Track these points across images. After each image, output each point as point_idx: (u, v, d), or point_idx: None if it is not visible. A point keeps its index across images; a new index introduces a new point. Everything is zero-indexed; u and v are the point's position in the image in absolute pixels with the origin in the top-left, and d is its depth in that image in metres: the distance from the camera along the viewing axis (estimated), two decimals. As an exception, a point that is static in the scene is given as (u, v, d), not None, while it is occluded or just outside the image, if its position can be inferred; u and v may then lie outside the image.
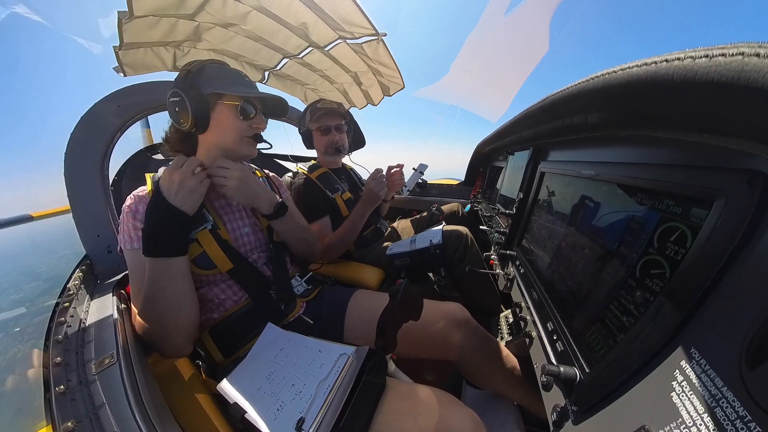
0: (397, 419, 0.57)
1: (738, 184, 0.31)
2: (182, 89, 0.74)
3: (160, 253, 0.67)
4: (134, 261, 0.73)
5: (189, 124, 0.75)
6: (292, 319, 0.86)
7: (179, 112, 0.76)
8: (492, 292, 1.33)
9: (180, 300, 0.69)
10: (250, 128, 0.82)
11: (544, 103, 0.64)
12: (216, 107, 0.78)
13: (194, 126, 0.76)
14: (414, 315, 0.69)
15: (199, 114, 0.75)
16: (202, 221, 0.78)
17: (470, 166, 2.31)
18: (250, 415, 0.56)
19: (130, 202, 0.75)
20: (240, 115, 0.79)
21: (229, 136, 0.81)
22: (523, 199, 1.07)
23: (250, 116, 0.82)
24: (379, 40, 1.32)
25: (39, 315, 9.41)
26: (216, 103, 0.78)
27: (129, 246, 0.73)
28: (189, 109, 0.73)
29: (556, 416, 0.47)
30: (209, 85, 0.77)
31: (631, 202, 0.49)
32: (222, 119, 0.79)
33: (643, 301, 0.39)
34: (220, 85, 0.77)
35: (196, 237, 0.76)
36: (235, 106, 0.78)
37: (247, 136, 0.82)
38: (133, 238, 0.72)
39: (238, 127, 0.80)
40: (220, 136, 0.81)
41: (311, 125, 1.45)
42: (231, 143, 0.81)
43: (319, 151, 1.52)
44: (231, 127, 0.80)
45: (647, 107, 0.36)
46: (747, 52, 0.22)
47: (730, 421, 0.25)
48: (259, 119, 0.84)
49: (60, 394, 0.51)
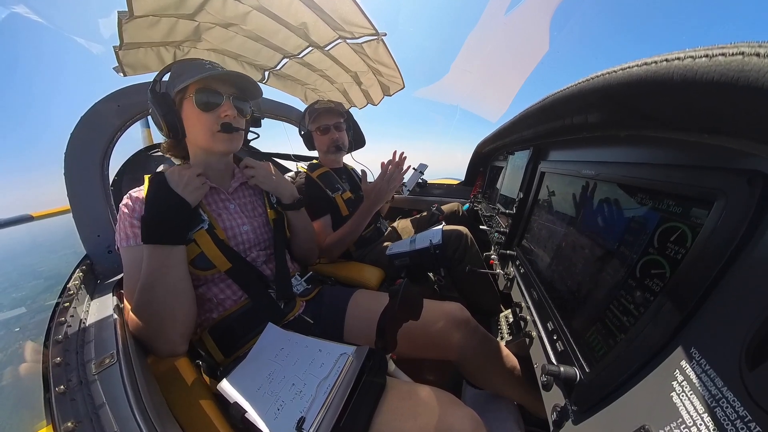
0: (397, 419, 0.57)
1: (738, 184, 0.31)
2: (151, 97, 0.74)
3: (162, 240, 0.67)
4: (131, 258, 0.72)
5: (166, 131, 0.76)
6: (292, 319, 0.86)
7: (155, 121, 0.76)
8: (492, 292, 1.33)
9: (177, 291, 0.69)
10: (218, 119, 0.75)
11: (544, 103, 0.64)
12: (183, 105, 0.75)
13: (171, 133, 0.76)
14: (414, 315, 0.69)
15: (169, 117, 0.74)
16: (198, 221, 0.78)
17: (470, 165, 2.31)
18: (251, 415, 0.56)
19: (127, 202, 0.75)
20: (198, 107, 0.73)
21: (200, 134, 0.76)
22: (523, 199, 1.07)
23: (213, 108, 0.74)
24: (379, 40, 1.32)
25: (40, 312, 9.41)
26: (182, 101, 0.75)
27: (126, 243, 0.72)
28: (158, 115, 0.74)
29: (556, 416, 0.47)
30: (173, 85, 0.75)
31: (631, 202, 0.49)
32: (189, 116, 0.75)
33: (643, 301, 0.39)
34: (181, 80, 0.73)
35: (193, 237, 0.76)
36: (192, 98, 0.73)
37: (217, 130, 0.75)
38: (129, 236, 0.72)
39: (204, 121, 0.74)
40: (194, 135, 0.78)
41: (311, 126, 1.46)
42: (204, 141, 0.77)
43: (320, 151, 1.52)
44: (197, 122, 0.75)
45: (647, 107, 0.36)
46: (747, 51, 0.22)
47: (730, 421, 0.25)
48: (227, 106, 0.75)
49: (60, 394, 0.51)
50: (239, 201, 0.91)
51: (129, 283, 0.73)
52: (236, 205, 0.89)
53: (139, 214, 0.73)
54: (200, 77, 0.71)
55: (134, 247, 0.71)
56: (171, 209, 0.69)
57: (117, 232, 0.74)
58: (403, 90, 1.83)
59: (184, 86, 0.72)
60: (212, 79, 0.75)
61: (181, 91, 0.74)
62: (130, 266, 0.73)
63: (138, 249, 0.70)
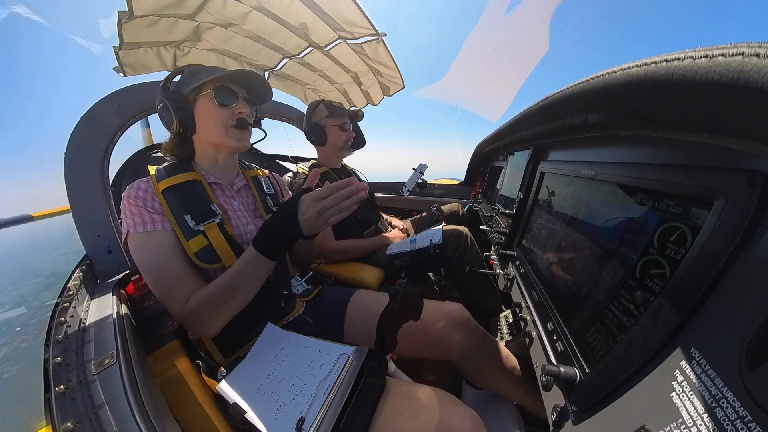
0: (397, 419, 0.57)
1: (738, 184, 0.31)
2: (163, 94, 0.76)
3: (270, 253, 0.69)
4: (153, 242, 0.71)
5: (176, 127, 0.76)
6: (292, 319, 0.86)
7: (166, 117, 0.78)
8: (492, 292, 1.33)
9: (250, 296, 0.73)
10: (233, 115, 0.80)
11: (544, 103, 0.64)
12: (197, 103, 0.78)
13: (181, 127, 0.77)
14: (414, 315, 0.69)
15: (182, 113, 0.76)
16: (210, 214, 0.78)
17: (470, 166, 2.31)
18: (250, 415, 0.55)
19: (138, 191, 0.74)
20: (217, 101, 0.77)
21: (213, 128, 0.79)
22: (523, 199, 1.07)
23: (230, 104, 0.79)
24: (379, 40, 1.32)
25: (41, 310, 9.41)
26: (196, 98, 0.78)
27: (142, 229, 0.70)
28: (171, 111, 0.75)
29: (556, 416, 0.47)
30: (188, 83, 0.77)
31: (631, 202, 0.49)
32: (203, 112, 0.78)
33: (643, 301, 0.39)
34: (197, 80, 0.77)
35: (203, 229, 0.75)
36: (211, 94, 0.77)
37: (232, 126, 0.80)
38: (146, 222, 0.71)
39: (220, 116, 0.78)
40: (206, 131, 0.80)
41: (329, 120, 1.44)
42: (217, 136, 0.80)
43: (335, 145, 1.50)
44: (212, 117, 0.78)
45: (647, 107, 0.36)
46: (747, 52, 0.22)
47: (730, 421, 0.25)
48: (241, 104, 0.81)
49: (60, 394, 0.51)
50: (242, 200, 0.91)
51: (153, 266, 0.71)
52: (240, 203, 0.89)
53: (151, 202, 0.73)
54: (221, 75, 0.77)
55: (158, 232, 0.71)
56: (288, 236, 0.68)
57: (129, 218, 0.71)
58: (403, 90, 1.83)
59: (201, 83, 0.76)
60: (229, 80, 0.80)
61: (197, 88, 0.76)
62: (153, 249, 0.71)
63: (163, 233, 0.72)
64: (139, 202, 0.73)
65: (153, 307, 1.04)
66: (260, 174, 1.02)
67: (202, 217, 0.76)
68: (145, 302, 1.03)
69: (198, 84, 0.76)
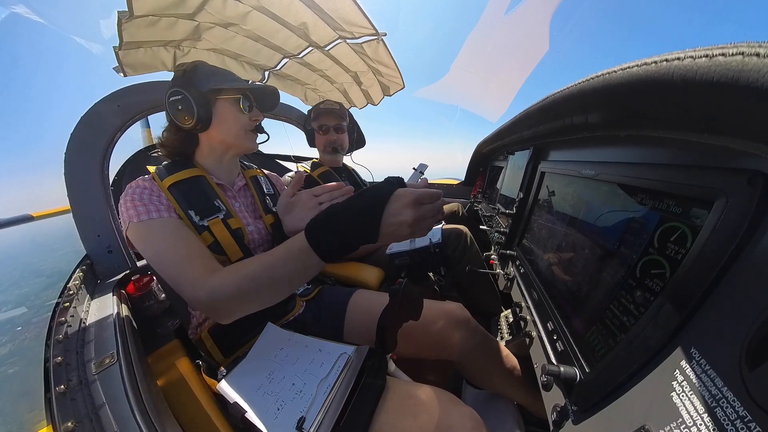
0: (397, 418, 0.57)
1: (738, 184, 0.31)
2: (183, 87, 0.74)
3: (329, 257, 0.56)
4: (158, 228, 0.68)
5: (193, 122, 0.76)
6: (292, 319, 0.86)
7: (182, 111, 0.76)
8: (492, 291, 1.33)
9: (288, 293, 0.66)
10: (251, 121, 0.85)
11: (544, 103, 0.64)
12: (217, 103, 0.79)
13: (198, 123, 0.76)
14: (414, 315, 0.69)
15: (202, 110, 0.76)
16: (214, 210, 0.78)
17: (470, 165, 2.31)
18: (250, 415, 0.55)
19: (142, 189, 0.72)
20: (242, 106, 0.82)
21: (233, 131, 0.82)
22: (524, 199, 1.07)
23: (248, 111, 0.84)
24: (379, 40, 1.32)
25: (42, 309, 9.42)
26: (216, 99, 0.79)
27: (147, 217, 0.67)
28: (193, 105, 0.74)
29: (556, 416, 0.47)
30: (207, 81, 0.77)
31: (631, 202, 0.49)
32: (224, 114, 0.80)
33: (643, 301, 0.39)
34: (217, 81, 0.78)
35: (207, 225, 0.75)
36: (236, 99, 0.81)
37: (250, 130, 0.85)
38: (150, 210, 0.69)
39: (241, 120, 0.82)
40: (224, 131, 0.81)
41: (313, 124, 1.51)
42: (234, 137, 0.83)
43: (318, 149, 1.57)
44: (234, 121, 0.81)
45: (647, 107, 0.36)
46: (747, 52, 0.22)
47: (730, 421, 0.25)
48: (257, 111, 0.87)
49: (60, 394, 0.51)
50: (242, 201, 0.91)
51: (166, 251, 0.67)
52: (240, 204, 0.89)
53: (157, 195, 0.72)
54: (248, 87, 0.83)
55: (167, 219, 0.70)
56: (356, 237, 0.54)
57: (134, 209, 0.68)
58: (403, 90, 1.83)
59: (224, 87, 0.78)
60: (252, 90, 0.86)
61: (218, 90, 0.78)
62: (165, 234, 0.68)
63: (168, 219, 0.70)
64: (144, 196, 0.70)
65: (153, 307, 1.04)
66: (259, 174, 1.02)
67: (206, 212, 0.76)
68: (145, 302, 1.03)
69: (223, 87, 0.78)
